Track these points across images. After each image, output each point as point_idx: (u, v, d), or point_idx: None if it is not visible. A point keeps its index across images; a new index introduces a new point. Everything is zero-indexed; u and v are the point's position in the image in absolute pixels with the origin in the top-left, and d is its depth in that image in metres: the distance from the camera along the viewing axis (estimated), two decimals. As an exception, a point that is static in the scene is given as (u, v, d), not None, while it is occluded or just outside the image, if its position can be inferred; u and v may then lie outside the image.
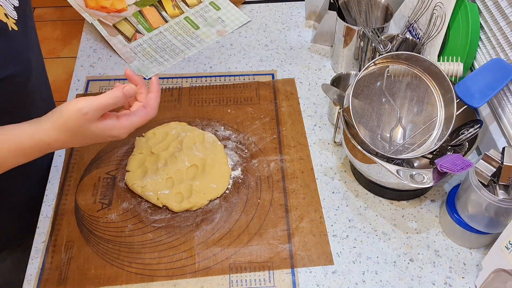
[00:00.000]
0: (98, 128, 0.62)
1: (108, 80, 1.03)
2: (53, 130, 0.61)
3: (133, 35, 1.09)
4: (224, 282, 0.73)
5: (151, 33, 1.10)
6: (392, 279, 0.74)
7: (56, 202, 0.83)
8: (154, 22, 1.12)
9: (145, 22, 1.10)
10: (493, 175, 0.70)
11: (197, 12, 1.13)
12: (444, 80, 0.77)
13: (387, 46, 0.90)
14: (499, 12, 0.80)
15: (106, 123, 0.62)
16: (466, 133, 0.77)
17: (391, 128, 0.83)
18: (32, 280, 0.74)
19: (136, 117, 0.65)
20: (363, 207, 0.82)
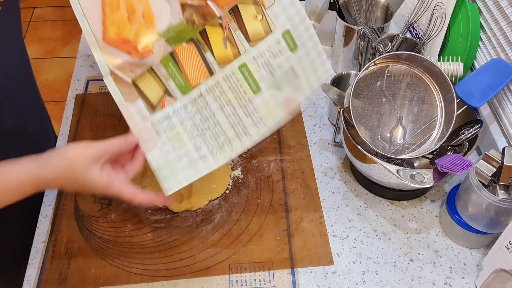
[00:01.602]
0: (96, 176, 0.63)
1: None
2: (54, 169, 0.62)
3: (160, 100, 0.69)
4: (224, 282, 0.73)
5: (187, 97, 0.68)
6: (392, 279, 0.74)
7: (56, 202, 0.83)
8: (193, 74, 0.70)
9: (179, 75, 0.69)
10: (493, 175, 0.69)
11: (261, 55, 0.68)
12: (444, 80, 0.77)
13: (387, 46, 0.90)
14: (499, 12, 0.80)
15: (104, 177, 0.63)
16: (466, 133, 0.77)
17: (391, 128, 0.83)
18: (32, 280, 0.74)
19: (125, 190, 0.66)
20: (363, 207, 0.82)
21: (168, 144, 0.68)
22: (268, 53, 0.68)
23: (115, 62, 0.69)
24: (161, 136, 0.68)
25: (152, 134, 0.68)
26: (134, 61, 0.69)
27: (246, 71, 0.68)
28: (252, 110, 0.69)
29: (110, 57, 0.70)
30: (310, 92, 0.69)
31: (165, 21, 0.69)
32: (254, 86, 0.69)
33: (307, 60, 0.69)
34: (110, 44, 0.71)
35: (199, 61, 0.69)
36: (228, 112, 0.69)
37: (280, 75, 0.69)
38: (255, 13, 0.67)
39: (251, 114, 0.69)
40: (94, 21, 0.71)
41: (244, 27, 0.68)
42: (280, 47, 0.68)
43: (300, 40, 0.68)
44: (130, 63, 0.69)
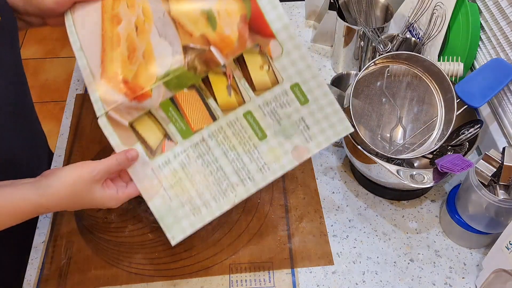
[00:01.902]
0: (100, 194, 0.63)
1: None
2: (55, 195, 0.61)
3: (159, 144, 0.67)
4: (224, 282, 0.73)
5: (189, 141, 0.66)
6: (392, 279, 0.73)
7: (56, 202, 0.83)
8: (195, 119, 0.67)
9: (180, 119, 0.66)
10: (494, 175, 0.69)
11: (267, 104, 0.65)
12: (444, 80, 0.77)
13: (387, 46, 0.90)
14: (499, 12, 0.80)
15: (108, 193, 0.63)
16: (467, 133, 0.77)
17: (391, 128, 0.83)
18: (32, 280, 0.74)
19: (131, 190, 0.66)
20: (363, 207, 0.82)
21: (170, 190, 0.66)
22: (274, 103, 0.65)
23: (112, 103, 0.66)
24: (163, 182, 0.66)
25: (153, 181, 0.66)
26: (131, 104, 0.66)
27: (251, 118, 0.66)
28: (257, 156, 0.66)
29: (106, 97, 0.67)
30: (326, 145, 0.66)
31: (166, 63, 0.67)
32: (260, 133, 0.66)
33: (321, 115, 0.65)
34: (108, 82, 0.67)
35: (201, 107, 0.66)
36: (232, 157, 0.66)
37: (288, 124, 0.66)
38: (261, 63, 0.65)
39: (256, 160, 0.66)
40: (92, 57, 0.68)
41: (250, 76, 0.65)
42: (288, 99, 0.65)
43: (312, 95, 0.65)
44: (127, 105, 0.66)
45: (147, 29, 0.68)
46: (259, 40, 0.64)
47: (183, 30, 0.66)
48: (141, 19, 0.68)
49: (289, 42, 0.63)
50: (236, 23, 0.64)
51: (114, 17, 0.69)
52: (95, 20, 0.69)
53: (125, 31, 0.68)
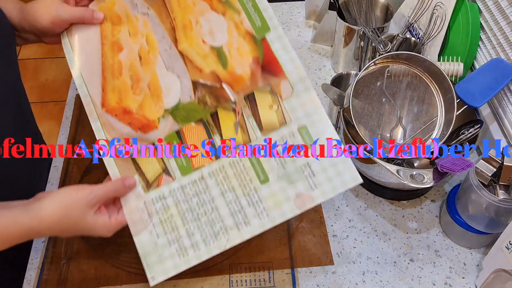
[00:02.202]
0: (93, 220, 0.60)
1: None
2: (48, 218, 0.58)
3: (156, 178, 0.65)
4: (224, 282, 0.73)
5: (187, 178, 0.64)
6: (392, 279, 0.73)
7: (56, 202, 0.83)
8: (198, 156, 0.65)
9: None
10: (493, 175, 0.69)
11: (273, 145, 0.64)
12: (444, 80, 0.77)
13: (387, 46, 0.90)
14: (499, 12, 0.80)
15: (100, 219, 0.61)
16: (467, 133, 0.77)
17: (391, 128, 0.83)
18: (32, 280, 0.74)
19: (123, 217, 0.63)
20: (363, 207, 0.82)
21: (159, 226, 0.63)
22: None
23: (115, 133, 0.66)
24: (153, 217, 0.64)
25: (143, 215, 0.64)
26: (136, 134, 0.65)
27: (255, 159, 0.63)
28: (257, 200, 0.62)
29: (109, 127, 0.66)
30: (332, 195, 0.61)
31: (174, 96, 0.66)
32: (262, 175, 0.63)
33: (327, 161, 0.61)
34: (110, 112, 0.66)
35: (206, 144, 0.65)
36: (229, 198, 0.63)
37: (293, 169, 0.62)
38: (271, 102, 0.64)
39: (255, 204, 0.62)
40: (93, 85, 0.68)
41: (258, 115, 0.64)
42: (294, 141, 0.62)
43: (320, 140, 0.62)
44: (131, 136, 0.66)
45: (152, 60, 0.68)
46: (270, 80, 0.64)
47: (192, 65, 0.66)
48: (145, 49, 0.68)
49: (300, 83, 0.63)
50: (249, 64, 0.65)
51: (115, 43, 0.69)
52: (95, 45, 0.69)
53: (128, 60, 0.68)
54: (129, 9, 0.70)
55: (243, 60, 0.65)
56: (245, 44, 0.65)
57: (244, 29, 0.66)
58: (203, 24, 0.67)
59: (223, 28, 0.66)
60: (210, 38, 0.67)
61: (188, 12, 0.68)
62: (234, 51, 0.66)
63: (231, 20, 0.66)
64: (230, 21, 0.66)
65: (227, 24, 0.66)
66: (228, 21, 0.66)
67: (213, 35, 0.67)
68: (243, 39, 0.66)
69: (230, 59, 0.65)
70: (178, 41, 0.67)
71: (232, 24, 0.66)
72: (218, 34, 0.67)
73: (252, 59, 0.65)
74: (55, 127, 2.14)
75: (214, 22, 0.67)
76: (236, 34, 0.66)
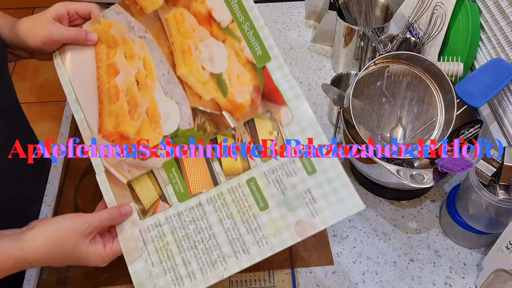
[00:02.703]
0: (87, 250, 0.58)
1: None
2: (41, 248, 0.57)
3: (152, 205, 0.64)
4: (224, 282, 0.73)
5: (184, 204, 0.63)
6: (392, 279, 0.73)
7: (56, 202, 0.83)
8: (196, 183, 0.64)
9: (181, 182, 0.64)
10: (494, 175, 0.69)
11: (273, 172, 0.62)
12: (444, 80, 0.77)
13: (387, 46, 0.90)
14: (499, 12, 0.80)
15: (95, 249, 0.59)
16: (467, 133, 0.77)
17: (391, 128, 0.83)
18: (32, 280, 0.74)
19: (118, 247, 0.62)
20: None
21: (154, 255, 0.62)
22: (280, 171, 0.62)
23: (112, 160, 0.65)
24: (148, 245, 0.62)
25: (138, 243, 0.62)
26: (134, 161, 0.65)
27: (254, 185, 0.62)
28: (256, 227, 0.61)
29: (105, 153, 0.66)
30: (334, 222, 0.60)
31: (173, 123, 0.65)
32: (262, 202, 0.61)
33: (328, 188, 0.60)
34: (107, 138, 0.66)
35: (204, 170, 0.64)
36: (227, 226, 0.61)
37: (293, 195, 0.61)
38: (271, 129, 0.63)
39: (254, 231, 0.61)
40: (89, 110, 0.67)
41: (258, 141, 0.63)
42: (295, 167, 0.61)
43: (320, 166, 0.61)
44: (129, 163, 0.65)
45: (150, 85, 0.67)
46: (270, 107, 0.64)
47: (192, 92, 0.66)
48: (143, 73, 0.67)
49: (300, 110, 0.63)
50: (249, 92, 0.65)
51: (110, 66, 0.68)
52: (90, 68, 0.68)
53: (125, 84, 0.67)
54: (125, 32, 0.69)
55: (243, 88, 0.65)
56: (246, 72, 0.65)
57: (245, 57, 0.65)
58: (202, 50, 0.67)
59: (223, 56, 0.66)
60: (209, 65, 0.66)
61: (187, 37, 0.67)
62: (235, 79, 0.65)
63: (231, 48, 0.66)
64: (230, 48, 0.66)
65: (227, 51, 0.66)
66: (229, 49, 0.66)
67: (213, 62, 0.66)
68: (243, 67, 0.65)
69: (230, 87, 0.65)
70: (177, 66, 0.67)
71: (232, 51, 0.66)
72: (218, 61, 0.66)
73: (252, 87, 0.65)
74: (55, 127, 2.14)
75: (214, 49, 0.66)
76: (236, 62, 0.66)
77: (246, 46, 0.65)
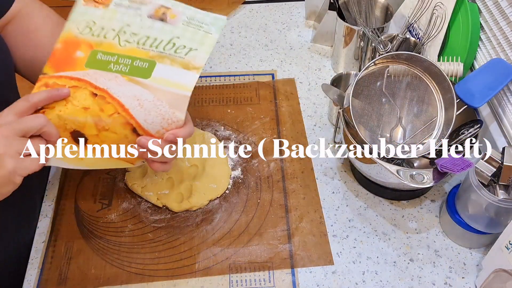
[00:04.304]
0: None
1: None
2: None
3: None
4: (224, 282, 0.73)
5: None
6: (392, 279, 0.74)
7: (56, 202, 0.83)
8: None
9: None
10: (493, 175, 0.69)
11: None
12: (444, 80, 0.77)
13: (387, 46, 0.90)
14: (499, 12, 0.80)
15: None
16: (466, 133, 0.77)
17: (391, 128, 0.83)
18: (32, 280, 0.74)
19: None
20: (363, 207, 0.82)
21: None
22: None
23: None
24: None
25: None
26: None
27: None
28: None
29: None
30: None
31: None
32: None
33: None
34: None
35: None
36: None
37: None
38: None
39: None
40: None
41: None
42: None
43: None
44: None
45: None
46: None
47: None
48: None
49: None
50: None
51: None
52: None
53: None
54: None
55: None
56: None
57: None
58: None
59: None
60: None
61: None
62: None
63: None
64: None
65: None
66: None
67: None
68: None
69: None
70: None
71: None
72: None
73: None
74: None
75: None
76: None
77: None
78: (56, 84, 0.66)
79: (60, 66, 0.67)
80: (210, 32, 0.66)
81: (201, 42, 0.67)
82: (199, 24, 0.66)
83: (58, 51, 0.68)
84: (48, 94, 0.64)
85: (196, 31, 0.66)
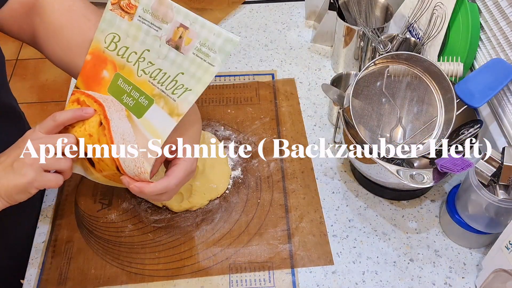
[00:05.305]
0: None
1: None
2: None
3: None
4: (224, 282, 0.73)
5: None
6: (392, 279, 0.74)
7: (56, 202, 0.83)
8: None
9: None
10: (493, 175, 0.69)
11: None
12: (444, 80, 0.77)
13: (387, 46, 0.90)
14: (499, 12, 0.80)
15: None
16: (466, 133, 0.77)
17: (391, 128, 0.83)
18: (32, 280, 0.74)
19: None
20: (363, 207, 0.82)
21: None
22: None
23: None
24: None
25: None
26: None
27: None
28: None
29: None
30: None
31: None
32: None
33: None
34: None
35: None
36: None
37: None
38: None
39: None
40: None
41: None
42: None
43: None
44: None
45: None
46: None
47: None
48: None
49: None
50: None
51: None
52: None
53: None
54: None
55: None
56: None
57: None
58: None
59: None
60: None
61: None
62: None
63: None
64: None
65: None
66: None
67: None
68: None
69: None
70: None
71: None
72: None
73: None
74: (55, 127, 2.13)
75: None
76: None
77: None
78: (85, 103, 0.69)
79: (89, 84, 0.69)
80: (214, 64, 0.62)
81: (199, 79, 0.63)
82: (207, 53, 0.63)
83: (89, 64, 0.69)
84: (73, 114, 0.66)
85: (201, 63, 0.63)
